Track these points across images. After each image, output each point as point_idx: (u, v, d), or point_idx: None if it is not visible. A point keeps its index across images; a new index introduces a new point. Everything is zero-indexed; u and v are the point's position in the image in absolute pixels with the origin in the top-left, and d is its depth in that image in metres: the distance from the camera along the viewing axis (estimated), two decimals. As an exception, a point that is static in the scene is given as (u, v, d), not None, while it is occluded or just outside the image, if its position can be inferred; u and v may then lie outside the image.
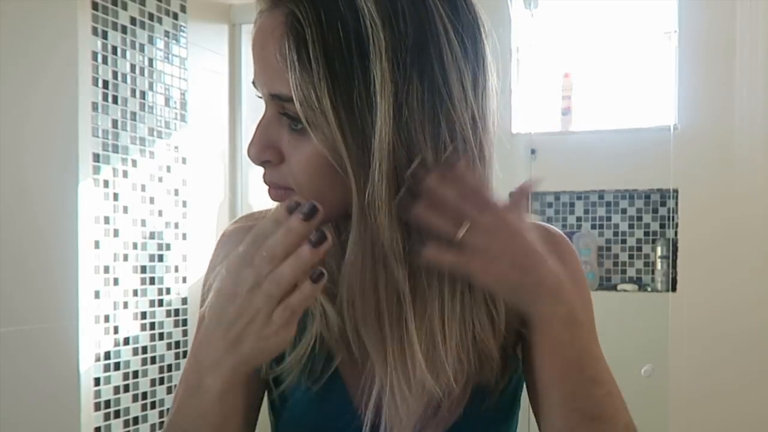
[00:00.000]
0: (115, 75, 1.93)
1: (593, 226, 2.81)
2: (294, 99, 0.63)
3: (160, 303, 2.11)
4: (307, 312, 0.73)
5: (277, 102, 0.66)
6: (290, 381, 0.74)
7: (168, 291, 2.14)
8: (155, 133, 2.08)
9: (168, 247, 2.14)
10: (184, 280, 2.21)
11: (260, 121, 0.69)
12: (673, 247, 2.50)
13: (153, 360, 2.10)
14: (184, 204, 2.20)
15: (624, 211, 2.79)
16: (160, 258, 2.11)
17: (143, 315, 2.05)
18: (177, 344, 2.20)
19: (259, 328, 0.60)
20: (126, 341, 1.98)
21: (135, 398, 2.04)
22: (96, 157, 1.87)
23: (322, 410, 0.73)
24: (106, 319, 1.91)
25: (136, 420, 2.04)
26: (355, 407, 0.73)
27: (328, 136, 0.63)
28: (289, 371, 0.73)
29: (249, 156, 0.68)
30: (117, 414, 1.96)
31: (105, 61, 1.90)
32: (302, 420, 0.73)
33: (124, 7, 1.96)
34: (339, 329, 0.71)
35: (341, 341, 0.72)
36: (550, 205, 2.88)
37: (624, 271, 2.76)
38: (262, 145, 0.68)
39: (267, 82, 0.66)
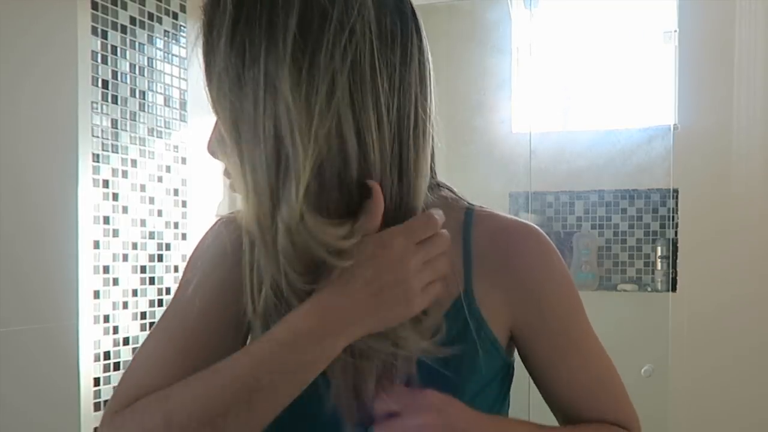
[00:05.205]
0: (114, 75, 1.93)
1: (593, 226, 2.81)
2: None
3: (160, 303, 2.11)
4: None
5: None
6: None
7: (168, 291, 2.14)
8: (155, 133, 2.08)
9: (168, 247, 2.13)
10: (184, 280, 2.21)
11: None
12: (673, 247, 2.50)
13: (153, 360, 2.09)
14: (184, 204, 2.20)
15: (624, 211, 2.79)
16: (160, 258, 2.11)
17: (143, 315, 2.04)
18: (177, 344, 2.19)
19: (407, 291, 0.67)
20: (126, 341, 1.98)
21: (134, 398, 2.03)
22: (95, 157, 1.86)
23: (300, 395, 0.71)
24: (106, 319, 1.91)
25: (135, 420, 2.03)
26: (332, 393, 0.73)
27: (226, 135, 0.68)
28: None
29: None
30: (116, 414, 1.95)
31: (104, 60, 1.90)
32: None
33: (124, 7, 1.96)
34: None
35: None
36: (550, 205, 2.87)
37: (624, 271, 2.76)
38: (213, 138, 0.72)
39: None
